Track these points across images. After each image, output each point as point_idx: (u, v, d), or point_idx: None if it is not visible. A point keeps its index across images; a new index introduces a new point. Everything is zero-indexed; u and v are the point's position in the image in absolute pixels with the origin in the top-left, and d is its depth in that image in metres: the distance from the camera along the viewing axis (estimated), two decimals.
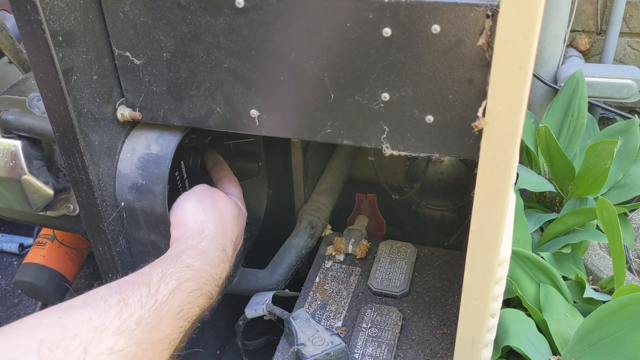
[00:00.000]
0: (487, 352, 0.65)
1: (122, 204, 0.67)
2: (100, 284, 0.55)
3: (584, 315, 0.79)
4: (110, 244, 0.68)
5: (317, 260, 0.88)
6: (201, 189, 0.72)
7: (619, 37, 1.37)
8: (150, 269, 0.58)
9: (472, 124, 0.49)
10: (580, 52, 1.44)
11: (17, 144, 0.72)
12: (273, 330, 0.87)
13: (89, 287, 0.53)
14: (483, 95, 0.50)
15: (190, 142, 0.80)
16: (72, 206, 0.76)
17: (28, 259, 1.00)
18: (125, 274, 0.71)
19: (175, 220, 0.67)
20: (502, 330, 0.77)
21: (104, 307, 0.50)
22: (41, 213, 0.77)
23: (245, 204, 0.97)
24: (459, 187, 1.04)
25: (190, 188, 0.82)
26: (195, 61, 0.59)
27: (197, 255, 0.61)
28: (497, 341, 0.74)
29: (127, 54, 0.61)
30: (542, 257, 0.86)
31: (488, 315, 0.59)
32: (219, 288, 0.63)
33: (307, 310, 0.79)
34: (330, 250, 0.89)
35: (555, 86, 1.29)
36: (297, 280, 0.86)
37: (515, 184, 0.60)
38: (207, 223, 0.66)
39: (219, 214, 0.68)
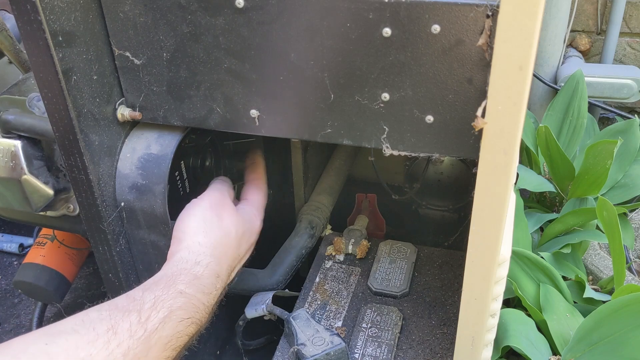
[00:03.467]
0: (487, 352, 0.65)
1: (122, 204, 0.67)
2: (90, 306, 0.54)
3: (584, 315, 0.79)
4: (110, 244, 0.68)
5: (317, 260, 0.88)
6: (210, 201, 0.69)
7: (619, 37, 1.37)
8: (143, 293, 0.56)
9: (472, 124, 0.49)
10: (580, 52, 1.44)
11: (17, 144, 0.72)
12: (273, 330, 0.87)
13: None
14: (483, 95, 0.50)
15: (190, 142, 0.80)
16: (72, 206, 0.76)
17: (28, 259, 1.00)
18: (126, 274, 0.71)
19: (176, 234, 0.65)
20: (502, 330, 0.77)
21: (92, 335, 0.49)
22: (41, 213, 0.77)
23: None
24: (459, 187, 1.04)
25: (190, 188, 0.82)
26: (195, 61, 0.59)
27: (190, 282, 0.59)
28: (497, 341, 0.74)
29: (127, 54, 0.61)
30: (542, 257, 0.86)
31: (488, 315, 0.59)
32: (208, 315, 0.61)
33: (307, 310, 0.79)
34: (330, 250, 0.89)
35: (555, 86, 1.29)
36: (297, 280, 0.86)
37: (515, 184, 0.60)
38: (205, 247, 0.64)
39: (220, 235, 0.66)
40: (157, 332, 0.52)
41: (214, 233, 0.65)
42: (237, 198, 0.97)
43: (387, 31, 0.51)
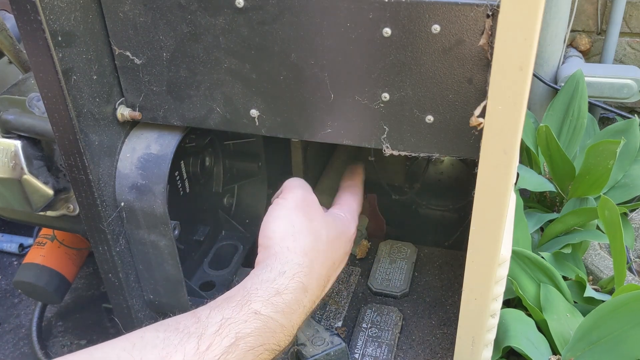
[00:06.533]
0: (487, 352, 0.65)
1: (122, 204, 0.67)
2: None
3: (584, 315, 0.79)
4: (110, 244, 0.68)
5: None
6: (295, 201, 0.62)
7: (619, 37, 1.37)
8: (210, 312, 0.49)
9: (469, 121, 0.49)
10: (580, 52, 1.44)
11: (17, 144, 0.72)
12: None
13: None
14: (483, 95, 0.50)
15: (190, 142, 0.80)
16: (72, 206, 0.76)
17: (28, 259, 1.00)
18: (126, 274, 0.71)
19: (261, 241, 0.59)
20: (502, 330, 0.77)
21: None
22: (41, 213, 0.77)
23: (245, 204, 0.97)
24: (459, 187, 1.04)
25: (190, 188, 0.82)
26: (195, 61, 0.59)
27: (269, 299, 0.52)
28: (497, 341, 0.74)
29: (127, 53, 0.61)
30: (542, 257, 0.86)
31: (488, 315, 0.59)
32: (289, 337, 0.53)
33: None
34: None
35: (555, 86, 1.29)
36: None
37: (515, 184, 0.60)
38: (294, 253, 0.56)
39: (311, 239, 0.59)
40: None
41: (303, 237, 0.58)
42: (236, 198, 0.97)
43: (387, 31, 0.51)
